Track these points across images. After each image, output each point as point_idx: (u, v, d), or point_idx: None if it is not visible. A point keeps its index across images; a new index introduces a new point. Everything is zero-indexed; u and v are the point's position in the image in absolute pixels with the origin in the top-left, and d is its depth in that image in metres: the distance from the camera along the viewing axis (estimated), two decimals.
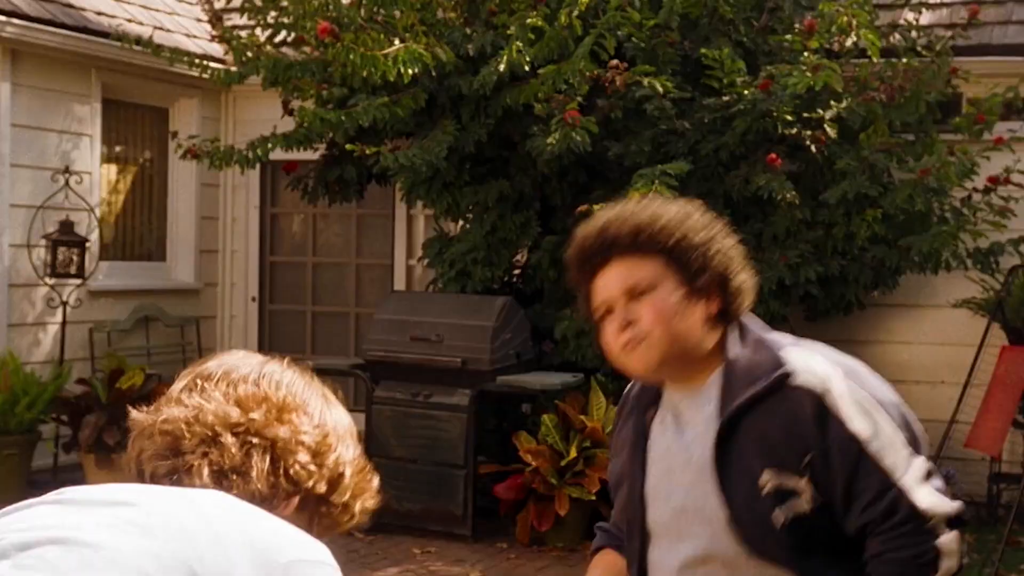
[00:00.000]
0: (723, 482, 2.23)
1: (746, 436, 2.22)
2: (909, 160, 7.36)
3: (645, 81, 7.02)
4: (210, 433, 1.64)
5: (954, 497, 2.21)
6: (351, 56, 6.90)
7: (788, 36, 7.59)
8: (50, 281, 8.65)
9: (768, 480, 2.19)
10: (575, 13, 7.06)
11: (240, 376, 1.73)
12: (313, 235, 10.38)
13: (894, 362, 8.68)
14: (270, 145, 7.75)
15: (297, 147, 7.80)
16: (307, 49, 7.81)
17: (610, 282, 2.30)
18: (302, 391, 1.75)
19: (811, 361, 2.25)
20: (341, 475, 1.73)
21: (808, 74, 6.82)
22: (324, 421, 1.74)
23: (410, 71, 6.96)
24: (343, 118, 7.21)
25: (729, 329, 2.31)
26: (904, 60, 7.52)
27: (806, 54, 7.19)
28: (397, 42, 7.14)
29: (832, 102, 7.19)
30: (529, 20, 7.10)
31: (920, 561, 2.16)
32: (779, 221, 7.33)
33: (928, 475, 2.20)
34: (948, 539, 2.17)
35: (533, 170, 7.68)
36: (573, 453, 7.10)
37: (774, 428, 2.20)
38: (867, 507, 2.17)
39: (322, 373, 1.69)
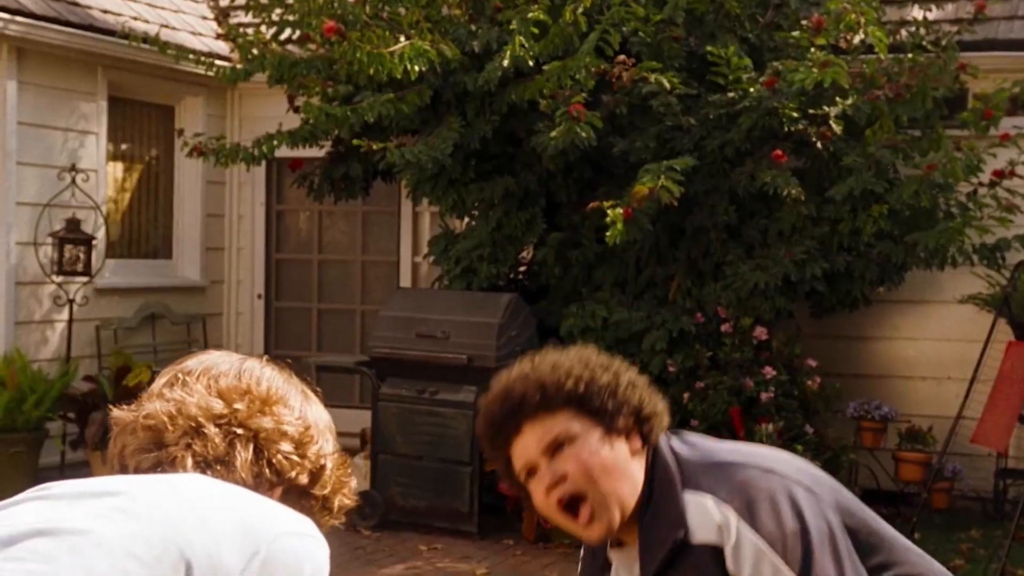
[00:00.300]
0: None
1: None
2: (915, 156, 7.36)
3: (652, 77, 7.02)
4: (193, 425, 1.65)
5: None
6: (358, 54, 6.90)
7: (795, 32, 7.59)
8: (57, 279, 8.66)
9: None
10: (580, 10, 7.06)
11: (221, 371, 1.75)
12: (319, 232, 10.38)
13: (900, 358, 8.68)
14: (276, 142, 7.76)
15: (303, 144, 7.81)
16: (312, 46, 7.82)
17: (527, 446, 2.25)
18: (282, 386, 1.78)
19: (706, 511, 2.18)
20: (323, 467, 1.75)
21: (815, 70, 6.82)
22: (305, 415, 1.76)
23: (416, 68, 6.96)
24: (349, 114, 7.22)
25: (645, 472, 2.26)
26: (910, 56, 7.51)
27: (813, 50, 7.18)
28: (402, 39, 7.15)
29: (838, 99, 7.18)
30: (531, 14, 7.10)
31: None
32: (785, 217, 7.33)
33: None
34: None
35: (538, 166, 7.68)
36: None
37: None
38: None
39: (328, 370, 1.70)
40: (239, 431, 1.67)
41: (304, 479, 1.73)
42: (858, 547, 2.22)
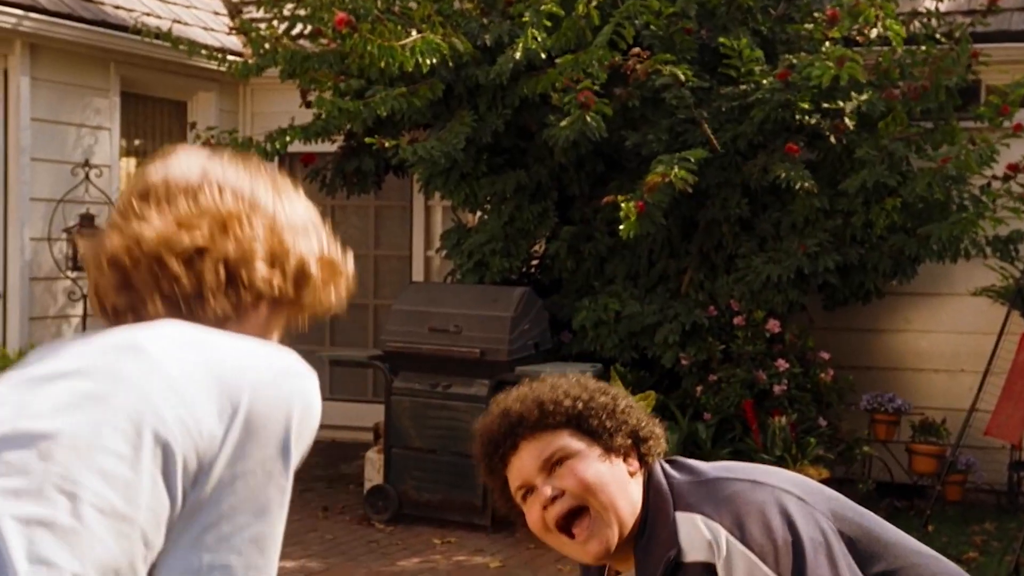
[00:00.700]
0: None
1: None
2: (928, 148, 7.34)
3: (666, 70, 7.01)
4: (155, 263, 1.55)
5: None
6: (369, 47, 6.91)
7: (809, 25, 7.57)
8: (71, 274, 8.69)
9: None
10: (593, 3, 7.05)
11: (178, 188, 1.61)
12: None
13: (913, 351, 8.67)
14: (288, 137, 7.77)
15: (315, 139, 7.81)
16: (324, 41, 7.84)
17: (525, 463, 2.25)
18: (248, 190, 1.64)
19: (696, 529, 2.17)
20: (306, 274, 1.65)
21: (830, 64, 6.80)
22: (276, 218, 1.64)
23: (428, 61, 6.97)
24: (361, 108, 7.23)
25: (643, 490, 2.26)
26: (923, 48, 7.49)
27: (827, 44, 7.17)
28: (414, 33, 7.15)
29: (853, 93, 7.17)
30: (544, 6, 7.10)
31: None
32: (798, 210, 7.32)
33: None
34: None
35: (550, 160, 7.68)
36: None
37: None
38: None
39: (341, 365, 1.65)
40: (205, 261, 1.55)
41: (289, 290, 1.63)
42: (859, 556, 2.21)
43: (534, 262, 8.47)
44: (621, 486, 2.23)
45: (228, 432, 1.42)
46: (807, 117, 7.18)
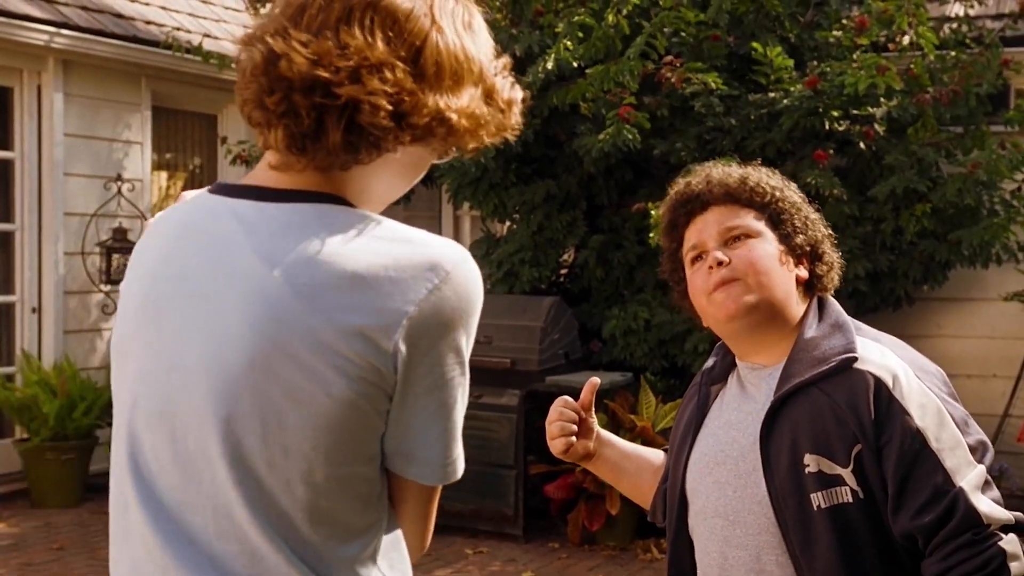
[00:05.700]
0: (765, 460, 2.16)
1: (797, 416, 2.14)
2: (958, 154, 7.32)
3: (696, 77, 7.01)
4: (284, 92, 1.46)
5: (1008, 508, 2.09)
6: None
7: (838, 32, 7.56)
8: (105, 288, 8.76)
9: (810, 464, 2.11)
10: (623, 13, 7.07)
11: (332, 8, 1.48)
12: None
13: (945, 356, 8.61)
14: None
15: None
16: None
17: (708, 225, 2.28)
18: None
19: (885, 355, 2.17)
20: (474, 115, 1.54)
21: (862, 72, 6.77)
22: (423, 51, 1.53)
23: None
24: None
25: (811, 306, 2.28)
26: (953, 54, 7.47)
27: (858, 53, 7.15)
28: None
29: (883, 99, 7.15)
30: (577, 18, 7.12)
31: (989, 569, 2.02)
32: (827, 217, 7.25)
33: (986, 484, 2.09)
34: (1010, 540, 2.05)
35: (579, 169, 7.70)
36: None
37: (827, 412, 2.11)
38: (921, 509, 2.05)
39: None
40: (328, 102, 1.44)
41: (439, 132, 1.50)
42: None
43: (563, 271, 8.49)
44: (784, 281, 2.26)
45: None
46: (836, 124, 7.17)
